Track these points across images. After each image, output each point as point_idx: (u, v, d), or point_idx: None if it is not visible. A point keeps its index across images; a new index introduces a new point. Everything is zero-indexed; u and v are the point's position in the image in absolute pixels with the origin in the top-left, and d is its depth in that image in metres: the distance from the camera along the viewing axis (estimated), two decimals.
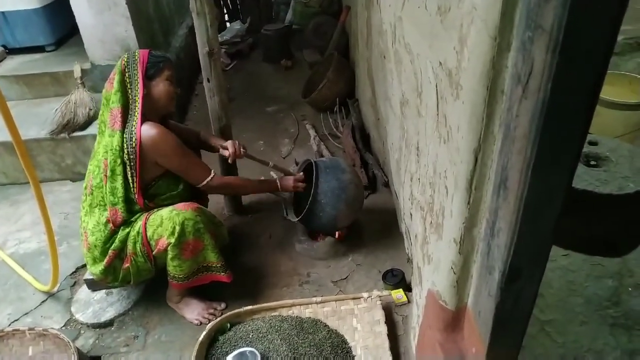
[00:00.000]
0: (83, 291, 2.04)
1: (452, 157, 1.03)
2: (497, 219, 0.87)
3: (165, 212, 1.70)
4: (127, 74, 1.73)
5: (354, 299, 1.82)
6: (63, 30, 3.48)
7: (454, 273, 1.09)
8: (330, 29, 3.97)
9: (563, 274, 1.75)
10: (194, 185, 1.86)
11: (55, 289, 2.06)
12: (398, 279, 1.88)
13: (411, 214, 1.69)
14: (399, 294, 1.84)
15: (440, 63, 1.08)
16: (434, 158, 1.23)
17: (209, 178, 1.85)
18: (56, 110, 2.77)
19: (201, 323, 1.85)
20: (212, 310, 1.89)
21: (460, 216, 1.00)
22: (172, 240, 1.67)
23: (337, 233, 2.15)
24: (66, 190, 2.79)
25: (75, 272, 2.18)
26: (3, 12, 3.20)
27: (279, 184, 2.08)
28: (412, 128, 1.53)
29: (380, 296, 1.80)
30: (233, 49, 4.51)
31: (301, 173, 2.17)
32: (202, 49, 2.03)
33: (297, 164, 2.72)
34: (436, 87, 1.16)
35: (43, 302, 2.04)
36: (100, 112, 1.78)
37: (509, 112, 0.80)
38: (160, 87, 1.77)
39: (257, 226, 2.38)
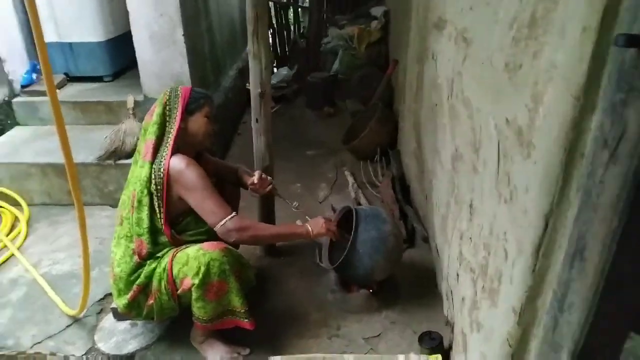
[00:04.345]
0: (108, 319, 2.01)
1: (515, 218, 0.97)
2: (569, 291, 0.80)
3: (192, 250, 1.67)
4: (167, 107, 1.75)
5: None
6: (122, 63, 3.68)
7: (510, 346, 1.00)
8: (375, 81, 4.03)
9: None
10: (211, 227, 1.73)
11: (82, 315, 2.04)
12: (436, 343, 1.75)
13: (458, 275, 1.60)
14: None
15: (507, 120, 1.04)
16: (491, 218, 1.16)
17: (228, 218, 1.70)
18: (106, 137, 2.86)
19: None
20: (235, 355, 1.81)
21: (522, 284, 0.93)
22: (197, 281, 1.62)
23: (370, 286, 2.07)
24: (105, 215, 2.83)
25: (103, 298, 2.16)
26: (70, 43, 3.41)
27: (310, 231, 1.89)
28: (464, 184, 1.48)
29: None
30: (278, 94, 4.62)
31: (331, 214, 2.05)
32: (254, 90, 2.07)
33: (334, 210, 2.67)
34: (498, 144, 1.11)
35: (68, 326, 2.02)
36: (138, 142, 1.81)
37: (590, 177, 0.74)
38: (199, 122, 1.78)
39: (289, 269, 2.32)
